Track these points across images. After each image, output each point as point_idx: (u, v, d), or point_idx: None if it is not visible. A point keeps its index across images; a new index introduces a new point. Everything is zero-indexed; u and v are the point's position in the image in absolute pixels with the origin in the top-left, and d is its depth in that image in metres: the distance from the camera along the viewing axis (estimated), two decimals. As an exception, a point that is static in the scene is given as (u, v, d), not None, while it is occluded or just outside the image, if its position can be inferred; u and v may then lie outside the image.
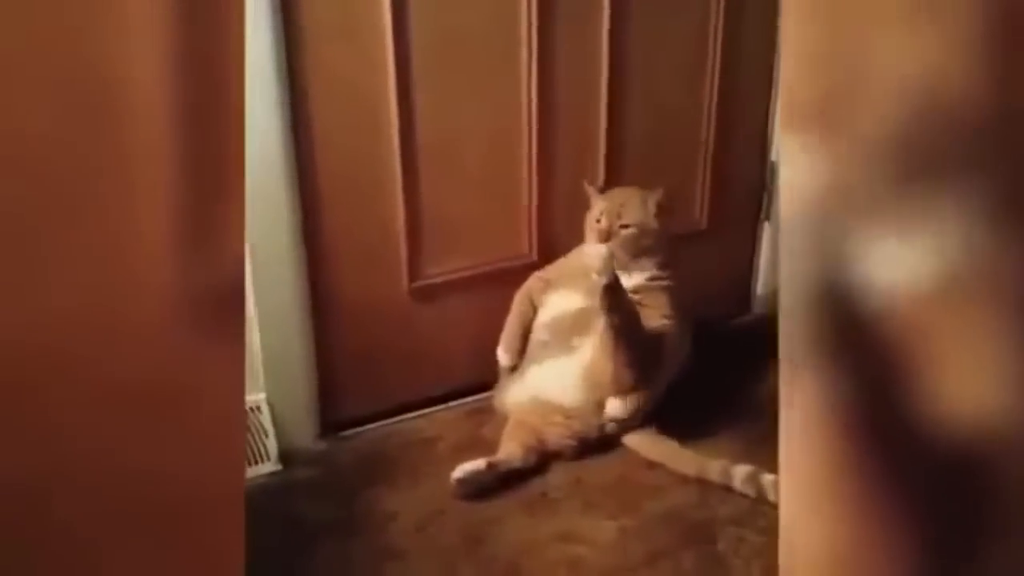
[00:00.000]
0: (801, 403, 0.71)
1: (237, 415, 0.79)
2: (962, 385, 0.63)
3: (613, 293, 1.52)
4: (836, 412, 0.69)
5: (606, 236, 1.65)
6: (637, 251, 1.67)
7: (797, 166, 0.70)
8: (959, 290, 0.63)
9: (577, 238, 1.76)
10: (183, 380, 0.73)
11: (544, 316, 1.73)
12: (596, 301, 1.54)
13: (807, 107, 0.68)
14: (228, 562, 0.76)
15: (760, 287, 2.18)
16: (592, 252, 1.52)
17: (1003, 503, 0.66)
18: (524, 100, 1.73)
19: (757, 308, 2.19)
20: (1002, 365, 0.62)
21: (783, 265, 0.73)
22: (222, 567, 0.76)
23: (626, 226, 1.66)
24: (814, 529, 0.72)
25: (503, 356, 1.73)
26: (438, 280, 1.76)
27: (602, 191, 1.74)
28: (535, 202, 1.80)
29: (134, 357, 0.71)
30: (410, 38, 1.58)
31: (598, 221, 1.67)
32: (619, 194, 1.72)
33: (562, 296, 1.72)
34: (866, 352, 0.67)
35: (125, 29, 0.66)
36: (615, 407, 1.64)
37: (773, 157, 2.05)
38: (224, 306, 0.74)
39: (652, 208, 1.68)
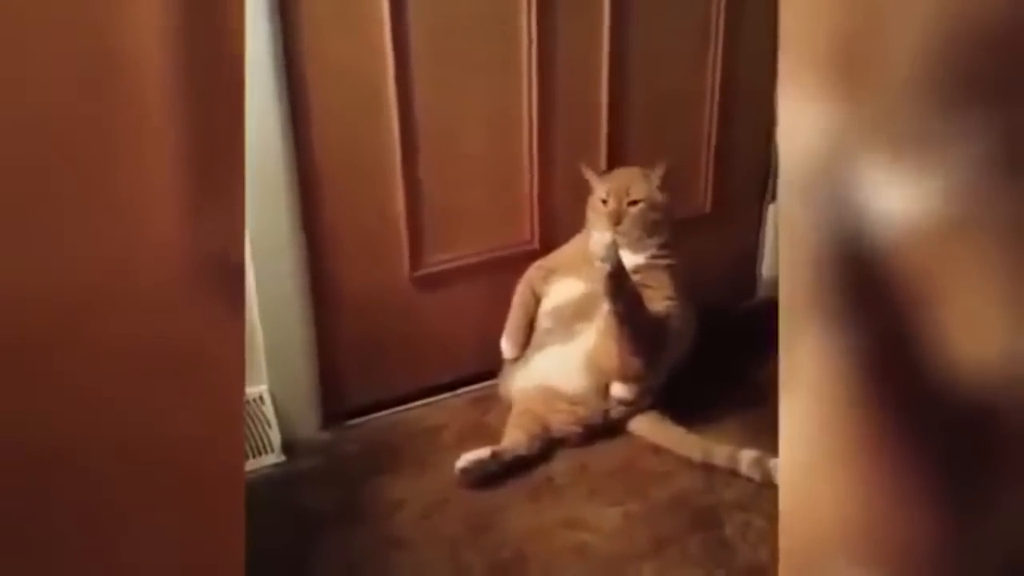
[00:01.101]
0: (806, 360, 0.70)
1: (237, 385, 0.81)
2: (970, 329, 0.62)
3: (617, 280, 1.50)
4: (844, 366, 0.68)
5: (617, 216, 1.64)
6: (647, 226, 1.66)
7: (805, 118, 0.69)
8: (966, 229, 0.62)
9: (579, 224, 1.75)
10: (189, 344, 0.74)
11: (547, 305, 1.72)
12: (600, 288, 1.53)
13: (824, 54, 0.67)
14: (229, 528, 0.78)
15: (766, 270, 2.16)
16: (596, 239, 1.50)
17: (1016, 450, 0.64)
18: (525, 86, 1.71)
19: (763, 292, 2.17)
20: (1008, 306, 0.61)
21: (783, 223, 0.71)
22: (223, 532, 0.77)
23: (635, 202, 1.65)
24: (823, 493, 0.71)
25: (507, 348, 1.72)
26: (440, 268, 1.75)
27: (602, 174, 1.72)
28: (536, 188, 1.79)
29: (145, 319, 0.72)
30: (408, 24, 1.57)
31: (604, 202, 1.66)
32: (622, 174, 1.71)
33: (564, 284, 1.71)
34: (874, 301, 0.66)
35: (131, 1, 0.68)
36: (620, 390, 1.63)
37: (778, 139, 2.04)
38: (227, 275, 0.77)
39: (657, 181, 1.67)
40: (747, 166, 2.05)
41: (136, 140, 0.70)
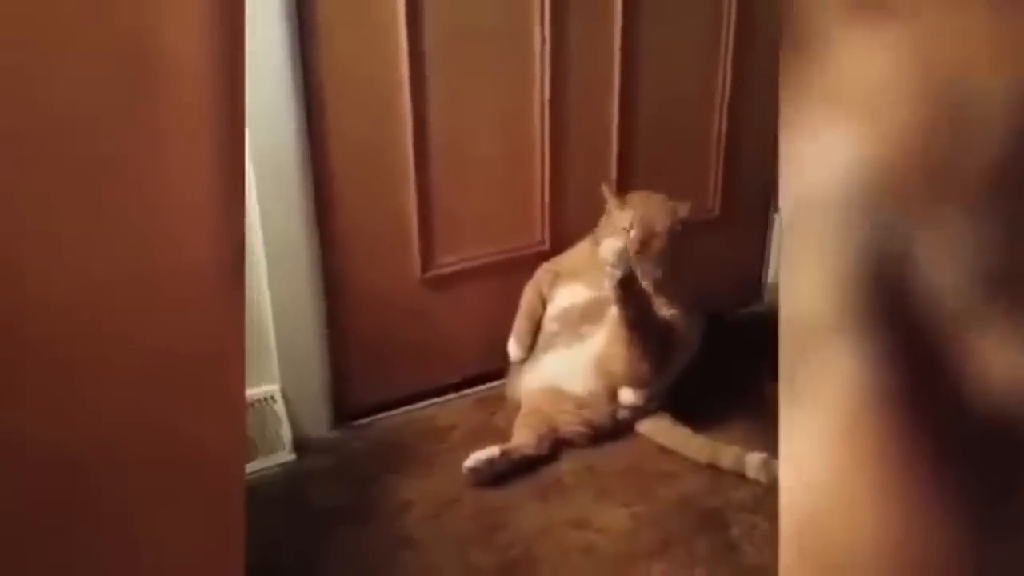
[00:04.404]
0: (827, 375, 0.69)
1: (239, 385, 0.81)
2: (1003, 353, 0.62)
3: (628, 286, 1.51)
4: (870, 381, 0.68)
5: (641, 247, 1.62)
6: (659, 258, 1.65)
7: (816, 153, 0.70)
8: (1003, 280, 0.62)
9: (590, 224, 1.75)
10: (199, 344, 0.74)
11: (554, 309, 1.73)
12: (610, 294, 1.53)
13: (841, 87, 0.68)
14: (229, 528, 0.78)
15: (772, 276, 2.18)
16: (607, 246, 1.49)
17: None
18: (537, 89, 1.73)
19: (768, 297, 2.19)
20: None
21: (796, 244, 0.72)
22: (223, 532, 0.78)
23: (657, 235, 1.64)
24: (854, 518, 0.70)
25: (514, 350, 1.73)
26: (451, 269, 1.77)
27: (622, 198, 1.70)
28: (547, 190, 1.80)
29: (171, 324, 0.72)
30: (423, 30, 1.58)
31: (626, 229, 1.64)
32: (648, 203, 1.68)
33: (570, 289, 1.72)
34: (907, 323, 0.66)
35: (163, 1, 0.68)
36: (629, 395, 1.65)
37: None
38: (235, 274, 0.77)
39: (679, 218, 1.67)
40: (755, 173, 2.06)
41: (171, 141, 0.70)
